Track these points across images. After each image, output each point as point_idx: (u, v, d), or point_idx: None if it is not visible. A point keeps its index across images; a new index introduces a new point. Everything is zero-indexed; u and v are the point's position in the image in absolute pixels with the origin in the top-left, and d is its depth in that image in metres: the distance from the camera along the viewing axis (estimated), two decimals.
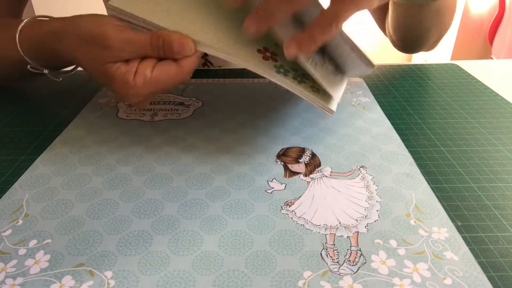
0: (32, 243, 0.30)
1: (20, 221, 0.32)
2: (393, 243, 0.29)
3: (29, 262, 0.28)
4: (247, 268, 0.27)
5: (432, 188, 0.36)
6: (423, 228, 0.30)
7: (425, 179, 0.37)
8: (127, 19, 0.36)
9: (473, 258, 0.28)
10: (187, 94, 0.54)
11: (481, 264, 0.28)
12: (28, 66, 0.44)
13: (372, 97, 0.52)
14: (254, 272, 0.27)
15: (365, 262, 0.28)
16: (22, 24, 0.42)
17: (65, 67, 0.48)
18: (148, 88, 0.35)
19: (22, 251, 0.29)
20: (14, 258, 0.29)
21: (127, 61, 0.35)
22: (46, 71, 0.45)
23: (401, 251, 0.29)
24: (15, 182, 0.36)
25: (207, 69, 0.64)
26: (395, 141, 0.42)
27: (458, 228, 0.31)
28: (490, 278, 0.27)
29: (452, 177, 0.37)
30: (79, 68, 0.47)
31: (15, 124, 0.46)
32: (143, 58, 0.36)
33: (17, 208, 0.33)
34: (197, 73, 0.61)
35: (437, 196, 0.35)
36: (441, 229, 0.30)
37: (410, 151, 0.41)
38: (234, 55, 0.35)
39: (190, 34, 0.35)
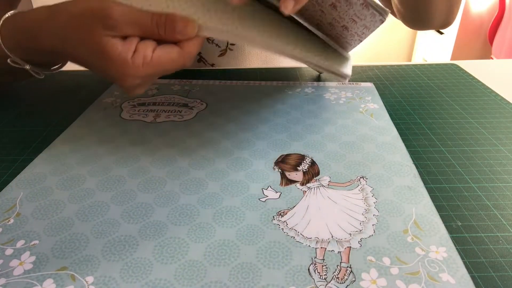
0: (20, 243, 0.30)
1: (11, 220, 0.32)
2: (387, 261, 0.28)
3: (14, 263, 0.28)
4: (230, 281, 0.27)
5: (432, 188, 0.36)
6: (420, 246, 0.29)
7: (426, 179, 0.37)
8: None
9: (471, 282, 0.26)
10: (192, 95, 0.53)
11: (481, 264, 0.28)
12: (8, 60, 0.41)
13: (382, 103, 0.50)
14: (236, 285, 0.26)
15: (354, 281, 0.26)
16: (6, 15, 0.40)
17: (47, 65, 0.45)
18: (147, 70, 0.33)
19: (9, 251, 0.29)
20: (0, 258, 0.29)
21: (125, 38, 0.33)
22: (27, 66, 0.42)
23: (394, 270, 0.27)
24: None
25: (211, 69, 0.63)
26: (400, 151, 0.40)
27: (458, 228, 0.31)
28: (490, 278, 0.27)
29: (452, 177, 0.37)
30: (63, 68, 0.45)
31: (15, 124, 0.47)
32: (142, 38, 0.34)
33: (10, 207, 0.34)
34: (203, 74, 0.60)
35: (437, 196, 0.35)
36: (439, 248, 0.28)
37: (410, 151, 0.40)
38: (241, 34, 0.35)
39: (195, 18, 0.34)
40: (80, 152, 0.41)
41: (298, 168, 0.38)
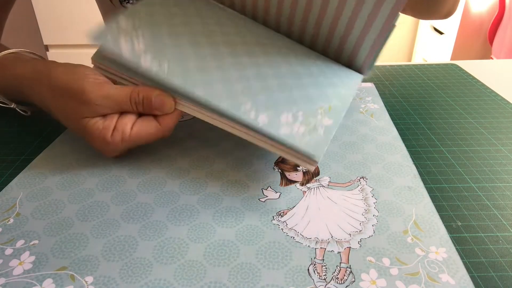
0: (20, 243, 0.30)
1: (11, 220, 0.32)
2: (386, 261, 0.28)
3: (13, 262, 0.28)
4: (229, 281, 0.27)
5: (432, 188, 0.36)
6: (420, 247, 0.29)
7: (426, 179, 0.37)
8: (109, 71, 0.35)
9: (471, 283, 0.26)
10: None
11: (481, 264, 0.28)
12: None
13: (382, 103, 0.50)
14: (236, 285, 0.26)
15: (354, 281, 0.26)
16: None
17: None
18: (125, 145, 0.35)
19: (8, 251, 0.29)
20: (0, 258, 0.29)
21: (104, 115, 0.35)
22: (14, 105, 0.44)
23: (394, 271, 0.27)
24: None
25: None
26: (400, 151, 0.40)
27: (458, 228, 0.31)
28: (490, 278, 0.27)
29: (452, 177, 0.37)
30: None
31: (15, 124, 0.47)
32: (121, 113, 0.35)
33: (10, 206, 0.34)
34: None
35: (437, 196, 0.35)
36: (439, 249, 0.28)
37: (410, 151, 0.40)
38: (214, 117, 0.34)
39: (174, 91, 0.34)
40: (80, 152, 0.41)
41: (298, 168, 0.38)
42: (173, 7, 0.40)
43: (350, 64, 0.42)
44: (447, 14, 0.58)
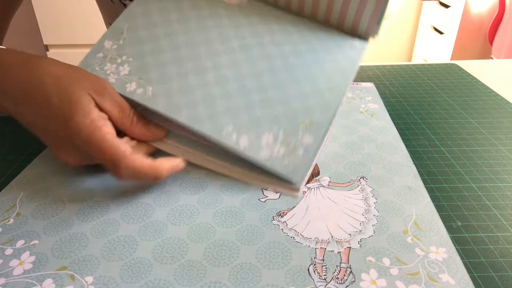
0: (20, 243, 0.30)
1: (11, 220, 0.32)
2: (386, 261, 0.28)
3: (13, 262, 0.28)
4: (229, 281, 0.27)
5: (432, 188, 0.36)
6: (420, 247, 0.29)
7: (426, 179, 0.37)
8: None
9: (471, 283, 0.26)
10: None
11: (481, 264, 0.28)
12: None
13: (382, 103, 0.50)
14: (236, 285, 0.26)
15: (354, 281, 0.26)
16: None
17: None
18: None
19: (8, 251, 0.29)
20: (0, 258, 0.29)
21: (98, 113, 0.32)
22: None
23: (394, 271, 0.27)
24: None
25: None
26: (400, 151, 0.40)
27: (458, 228, 0.31)
28: (490, 278, 0.27)
29: (452, 177, 0.37)
30: None
31: (15, 124, 0.47)
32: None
33: (10, 206, 0.34)
34: None
35: (437, 196, 0.35)
36: (439, 249, 0.28)
37: (410, 151, 0.40)
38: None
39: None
40: None
41: None
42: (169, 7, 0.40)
43: (354, 31, 0.40)
44: None
